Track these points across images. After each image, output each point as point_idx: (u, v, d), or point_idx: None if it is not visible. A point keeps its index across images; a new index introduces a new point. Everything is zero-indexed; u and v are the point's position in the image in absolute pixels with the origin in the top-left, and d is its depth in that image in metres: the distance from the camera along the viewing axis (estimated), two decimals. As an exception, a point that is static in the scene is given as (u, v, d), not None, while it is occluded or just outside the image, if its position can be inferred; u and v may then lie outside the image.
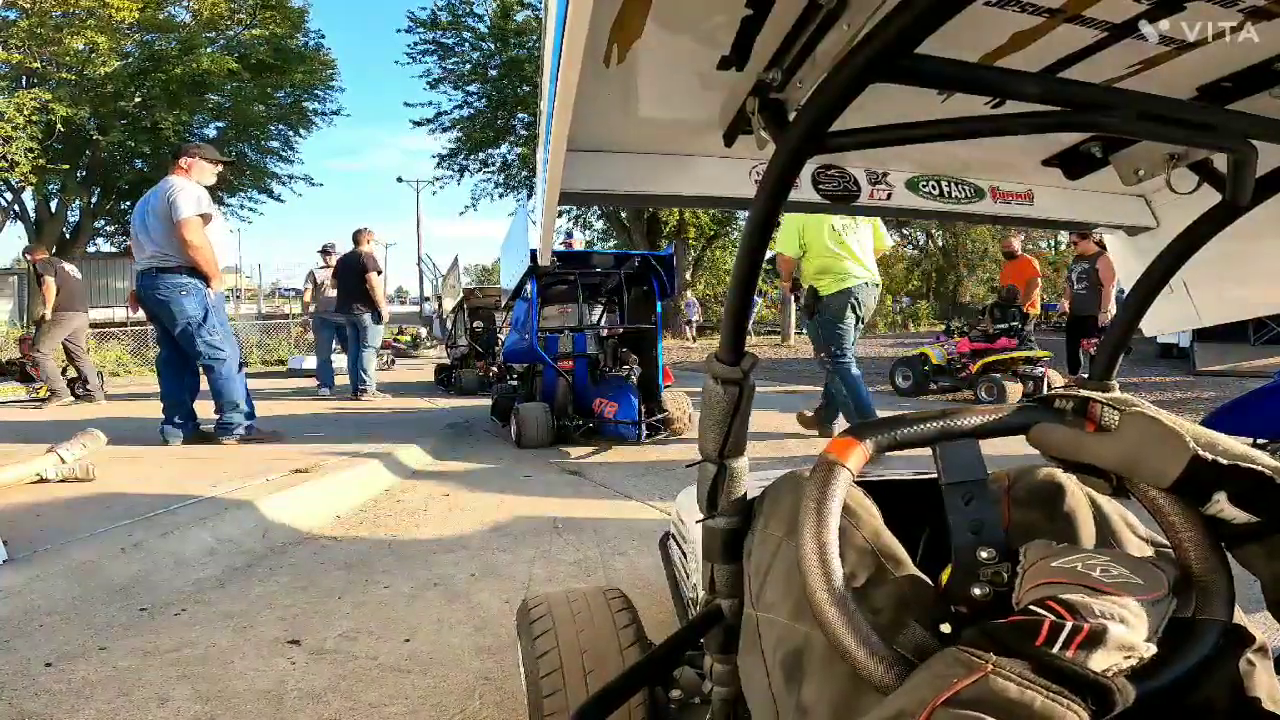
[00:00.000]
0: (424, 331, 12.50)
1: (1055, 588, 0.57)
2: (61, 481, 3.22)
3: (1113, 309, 6.66)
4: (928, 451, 0.80)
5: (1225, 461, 0.60)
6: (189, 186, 4.19)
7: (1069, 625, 0.50)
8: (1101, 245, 6.65)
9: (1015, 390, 6.56)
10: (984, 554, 0.75)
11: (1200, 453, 0.61)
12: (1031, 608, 0.53)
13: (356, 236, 7.46)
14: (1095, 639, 0.49)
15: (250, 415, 4.41)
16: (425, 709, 1.59)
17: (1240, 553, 0.65)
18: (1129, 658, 0.50)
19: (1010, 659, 0.48)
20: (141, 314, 6.40)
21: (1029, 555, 0.67)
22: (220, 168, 4.56)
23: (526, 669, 1.22)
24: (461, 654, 1.85)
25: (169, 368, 4.41)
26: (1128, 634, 0.51)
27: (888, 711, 0.51)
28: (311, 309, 8.40)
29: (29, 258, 7.58)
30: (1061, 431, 0.75)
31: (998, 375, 6.86)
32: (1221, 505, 0.62)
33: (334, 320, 7.58)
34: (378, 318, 7.21)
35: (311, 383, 8.37)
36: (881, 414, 0.80)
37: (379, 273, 7.24)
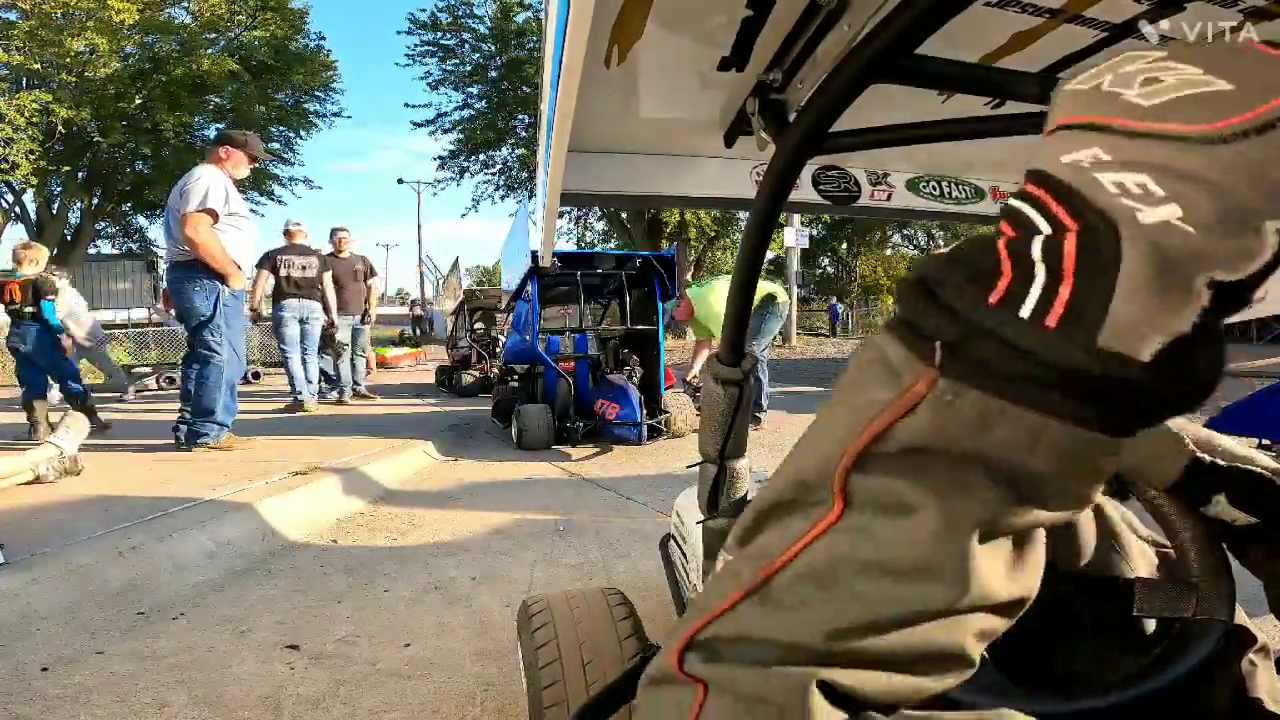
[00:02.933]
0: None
1: (1067, 141, 0.27)
2: (60, 477, 3.22)
3: None
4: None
5: (1224, 463, 0.60)
6: (207, 177, 3.90)
7: (1036, 251, 0.26)
8: None
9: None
10: None
11: (1199, 454, 0.61)
12: (1002, 218, 0.29)
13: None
14: (1095, 269, 0.25)
15: (224, 425, 4.17)
16: (425, 715, 1.58)
17: (1241, 553, 0.65)
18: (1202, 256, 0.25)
19: (965, 359, 0.27)
20: (141, 315, 6.35)
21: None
22: (256, 163, 4.35)
23: (526, 663, 1.24)
24: (462, 659, 1.84)
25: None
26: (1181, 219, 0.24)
27: (780, 484, 0.33)
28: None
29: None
30: None
31: None
32: (1221, 506, 0.62)
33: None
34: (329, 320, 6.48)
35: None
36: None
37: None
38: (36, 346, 4.85)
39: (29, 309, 4.80)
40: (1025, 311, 0.26)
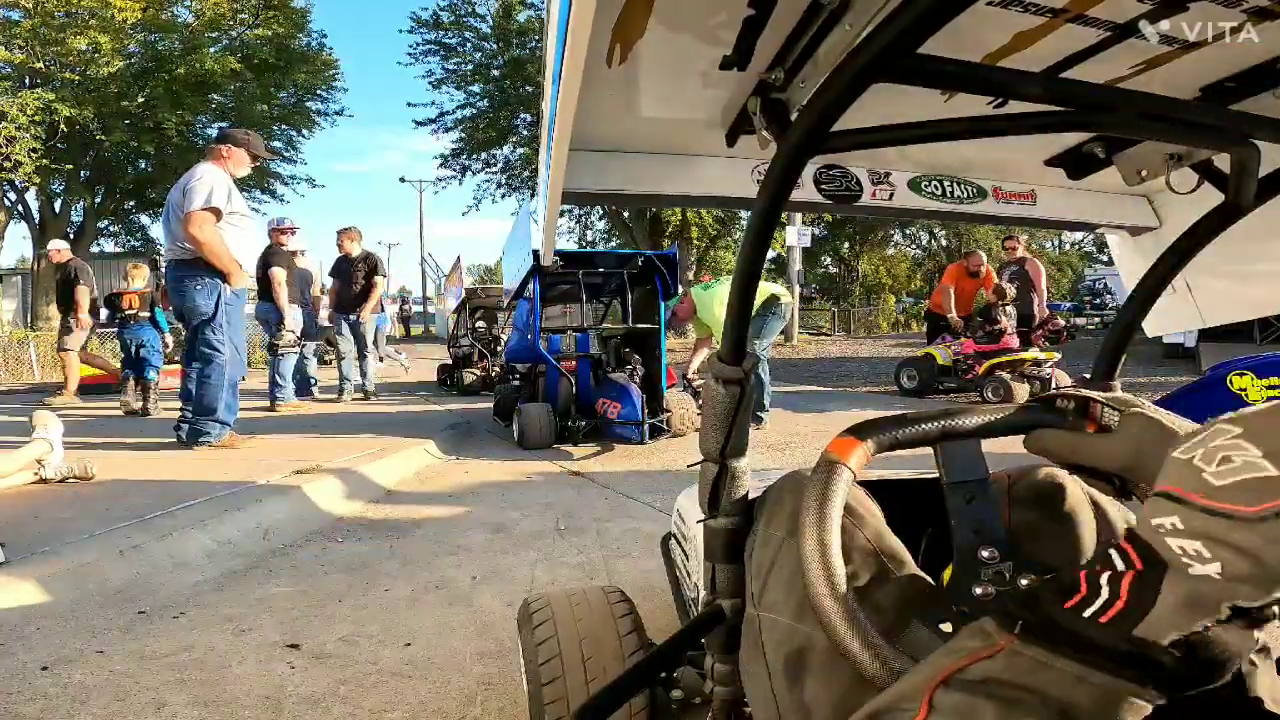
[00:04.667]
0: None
1: (1160, 507, 0.41)
2: (61, 482, 3.23)
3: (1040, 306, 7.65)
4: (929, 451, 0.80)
5: None
6: (210, 176, 3.90)
7: (1104, 580, 0.41)
8: (1022, 258, 7.81)
9: (1022, 391, 6.52)
10: (985, 553, 0.75)
11: None
12: (1106, 553, 0.44)
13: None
14: (1142, 590, 0.39)
15: (226, 424, 4.17)
16: (426, 714, 1.58)
17: None
18: (1235, 606, 0.36)
19: (1036, 631, 0.42)
20: (144, 314, 6.47)
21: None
22: (258, 162, 4.35)
23: (527, 661, 1.24)
24: (463, 658, 1.84)
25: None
26: (1215, 573, 0.36)
27: (887, 698, 0.48)
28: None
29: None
30: (1058, 437, 0.75)
31: (1005, 376, 6.81)
32: None
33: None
34: (279, 318, 6.26)
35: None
36: (884, 414, 0.80)
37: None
38: (149, 344, 6.36)
39: (144, 314, 6.42)
40: (1088, 613, 0.40)
